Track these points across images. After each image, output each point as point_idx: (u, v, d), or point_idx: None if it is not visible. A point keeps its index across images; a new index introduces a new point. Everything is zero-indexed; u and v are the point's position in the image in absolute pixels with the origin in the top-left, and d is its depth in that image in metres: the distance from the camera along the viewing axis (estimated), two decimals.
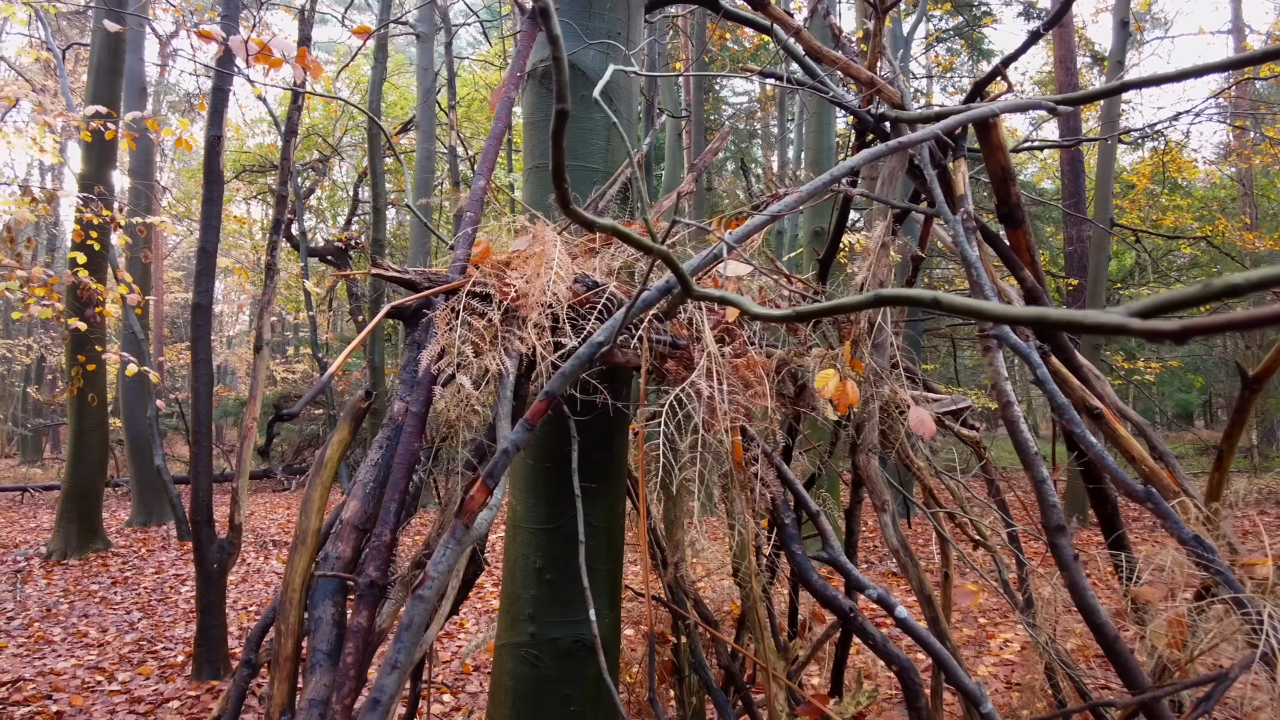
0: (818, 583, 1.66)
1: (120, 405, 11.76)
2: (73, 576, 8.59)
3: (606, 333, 1.04)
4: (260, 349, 5.09)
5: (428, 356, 1.43)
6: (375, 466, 1.48)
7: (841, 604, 1.63)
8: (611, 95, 2.36)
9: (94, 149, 8.71)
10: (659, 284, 1.07)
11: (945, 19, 19.64)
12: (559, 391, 1.03)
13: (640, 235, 1.89)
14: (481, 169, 1.74)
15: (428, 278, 1.58)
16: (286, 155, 5.23)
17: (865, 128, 2.27)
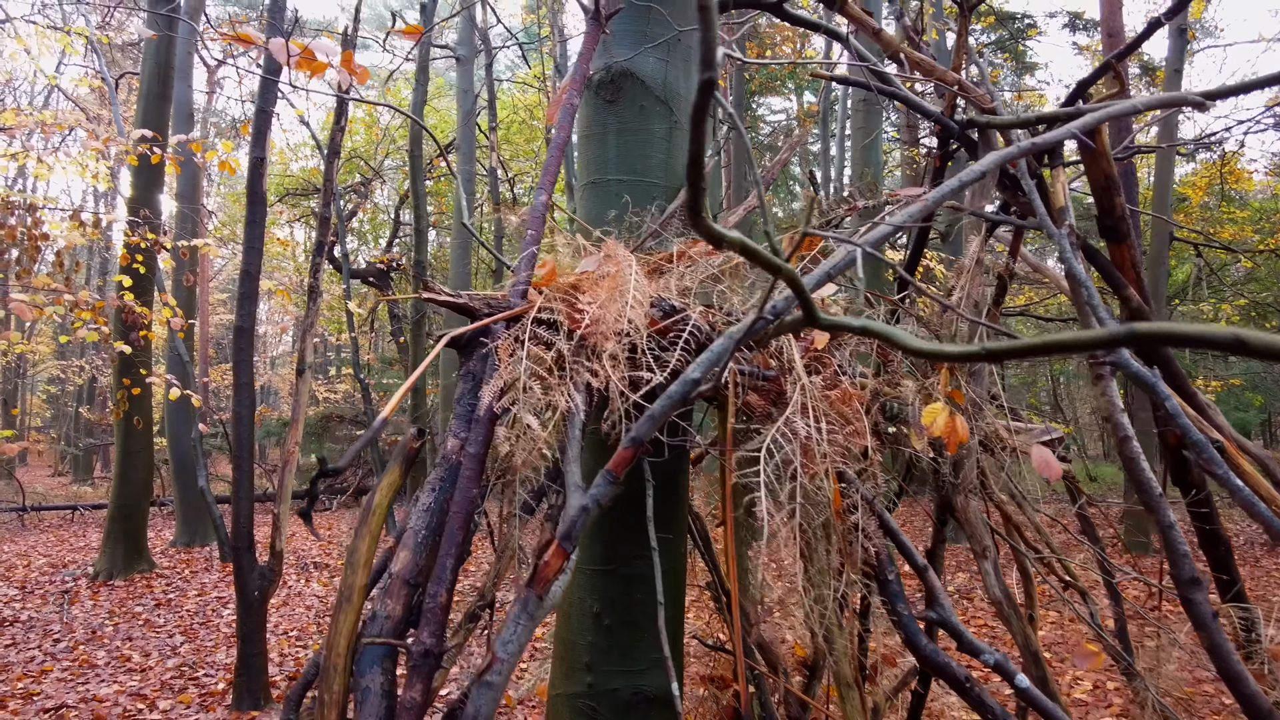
0: (927, 648, 1.48)
1: (166, 426, 11.87)
2: (118, 597, 8.62)
3: (704, 368, 0.89)
4: (303, 372, 5.02)
5: (490, 392, 1.28)
6: (427, 512, 1.33)
7: (956, 673, 1.44)
8: (671, 105, 2.21)
9: (141, 173, 8.83)
10: (771, 307, 0.91)
11: (987, 33, 19.33)
12: (647, 438, 0.88)
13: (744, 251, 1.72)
14: (543, 184, 1.60)
15: (486, 303, 1.43)
16: (329, 176, 5.18)
17: (950, 135, 2.09)
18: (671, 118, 2.19)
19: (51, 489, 22.86)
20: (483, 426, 1.30)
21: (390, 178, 22.31)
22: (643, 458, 1.54)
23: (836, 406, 1.38)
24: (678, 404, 0.88)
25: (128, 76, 15.67)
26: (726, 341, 0.90)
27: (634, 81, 2.16)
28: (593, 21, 1.82)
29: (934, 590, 1.54)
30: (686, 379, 0.88)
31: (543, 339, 1.37)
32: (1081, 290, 1.65)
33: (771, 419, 1.31)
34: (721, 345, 0.90)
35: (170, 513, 15.89)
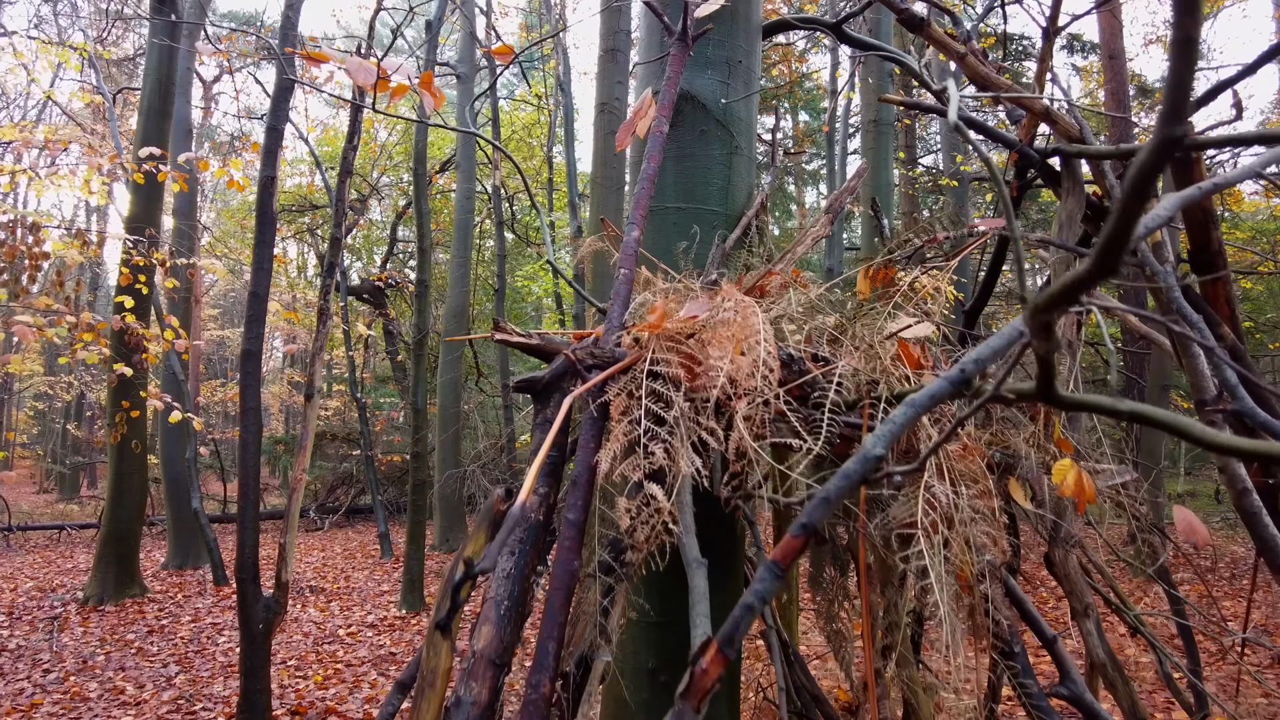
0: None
1: (159, 444, 11.66)
2: (109, 624, 8.38)
3: (886, 441, 0.77)
4: (311, 397, 4.88)
5: (606, 456, 1.15)
6: (509, 579, 1.20)
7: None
8: (731, 128, 2.10)
9: (143, 190, 8.69)
10: (948, 376, 0.79)
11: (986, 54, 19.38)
12: (820, 524, 0.76)
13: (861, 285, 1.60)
14: (634, 218, 1.48)
15: (590, 353, 1.29)
16: (340, 197, 5.06)
17: (1029, 166, 1.98)
18: (732, 142, 2.08)
19: (37, 507, 22.47)
20: (583, 490, 1.17)
21: (386, 194, 22.21)
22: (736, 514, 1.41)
23: (960, 464, 1.26)
24: (856, 485, 0.77)
25: (125, 92, 15.54)
26: (910, 411, 0.79)
27: (693, 104, 2.05)
28: (679, 42, 1.70)
29: (1065, 664, 1.41)
30: (868, 456, 0.76)
31: (658, 394, 1.25)
32: (1195, 332, 1.54)
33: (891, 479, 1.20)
34: (905, 415, 0.78)
35: (161, 533, 15.62)
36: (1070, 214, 1.85)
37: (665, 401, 1.24)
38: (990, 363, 0.82)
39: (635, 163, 2.11)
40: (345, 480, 20.04)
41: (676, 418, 1.19)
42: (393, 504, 18.04)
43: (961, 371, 0.80)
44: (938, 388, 0.80)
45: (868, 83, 8.24)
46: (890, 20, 8.90)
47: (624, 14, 7.11)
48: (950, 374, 0.80)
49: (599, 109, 7.04)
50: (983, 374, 0.94)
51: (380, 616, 8.90)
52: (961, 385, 0.80)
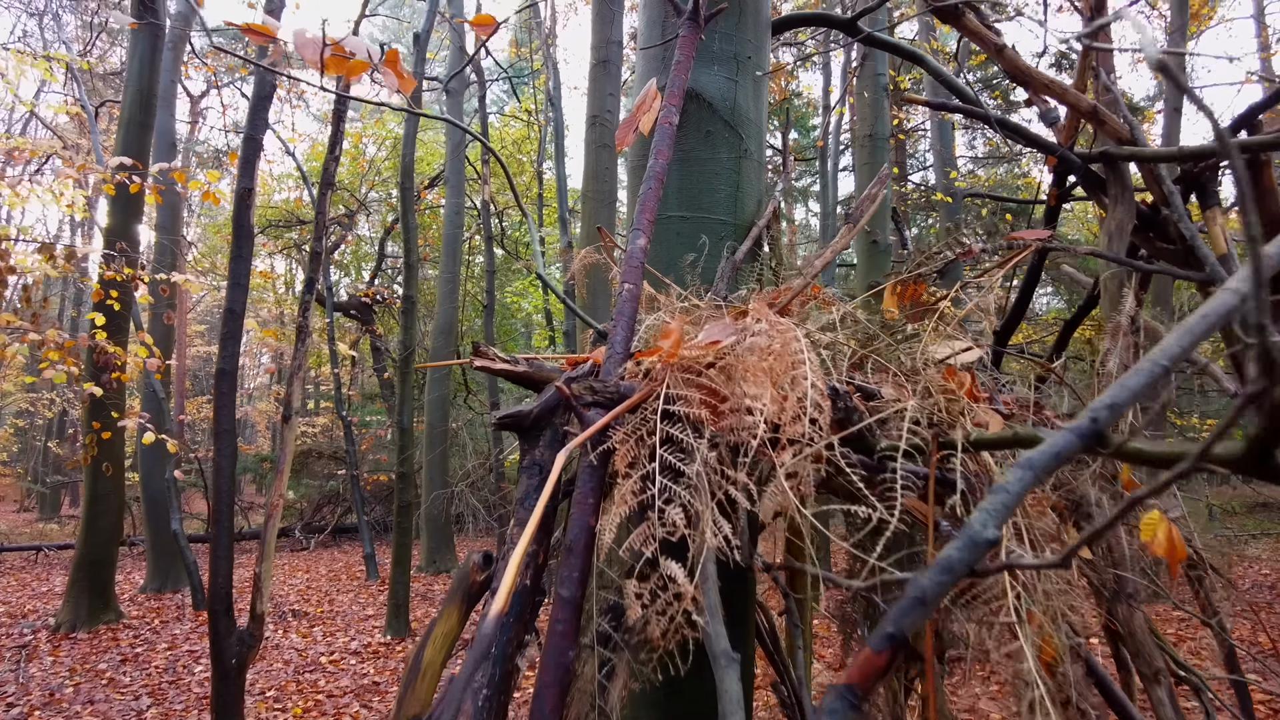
0: None
1: (139, 462, 11.35)
2: (80, 653, 8.06)
3: (999, 518, 0.57)
4: (289, 418, 4.64)
5: (610, 526, 0.94)
6: (489, 661, 0.98)
7: None
8: (740, 130, 1.90)
9: (120, 203, 8.45)
10: (1075, 427, 0.60)
11: (975, 70, 19.44)
12: (909, 632, 0.56)
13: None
14: (639, 223, 1.28)
15: (589, 388, 1.07)
16: (321, 209, 4.85)
17: (1070, 171, 1.80)
18: (740, 145, 1.89)
19: (16, 526, 22.01)
20: (579, 559, 0.96)
21: (375, 210, 22.02)
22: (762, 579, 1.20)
23: (1039, 521, 1.06)
24: (960, 577, 0.57)
25: (109, 105, 15.31)
26: (1029, 476, 0.59)
27: (698, 103, 1.86)
28: (690, 23, 1.51)
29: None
30: (976, 540, 0.56)
31: (675, 441, 1.04)
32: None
33: (941, 532, 0.99)
34: (1022, 481, 0.58)
35: (140, 553, 15.25)
36: (1120, 224, 1.66)
37: (684, 450, 1.02)
38: (1126, 409, 0.62)
39: (636, 167, 1.92)
40: (331, 499, 19.71)
41: (699, 472, 0.97)
42: (379, 523, 17.74)
43: (1093, 421, 0.60)
44: (1063, 443, 0.60)
45: (863, 96, 8.10)
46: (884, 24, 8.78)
47: (615, 25, 6.95)
48: (1079, 425, 0.61)
49: (590, 122, 6.87)
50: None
51: (364, 643, 8.61)
52: (1094, 439, 0.60)
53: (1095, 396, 1.54)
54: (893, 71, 10.59)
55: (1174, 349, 0.62)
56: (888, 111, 8.06)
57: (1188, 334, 0.61)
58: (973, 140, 20.07)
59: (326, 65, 1.28)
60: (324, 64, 1.26)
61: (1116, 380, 0.63)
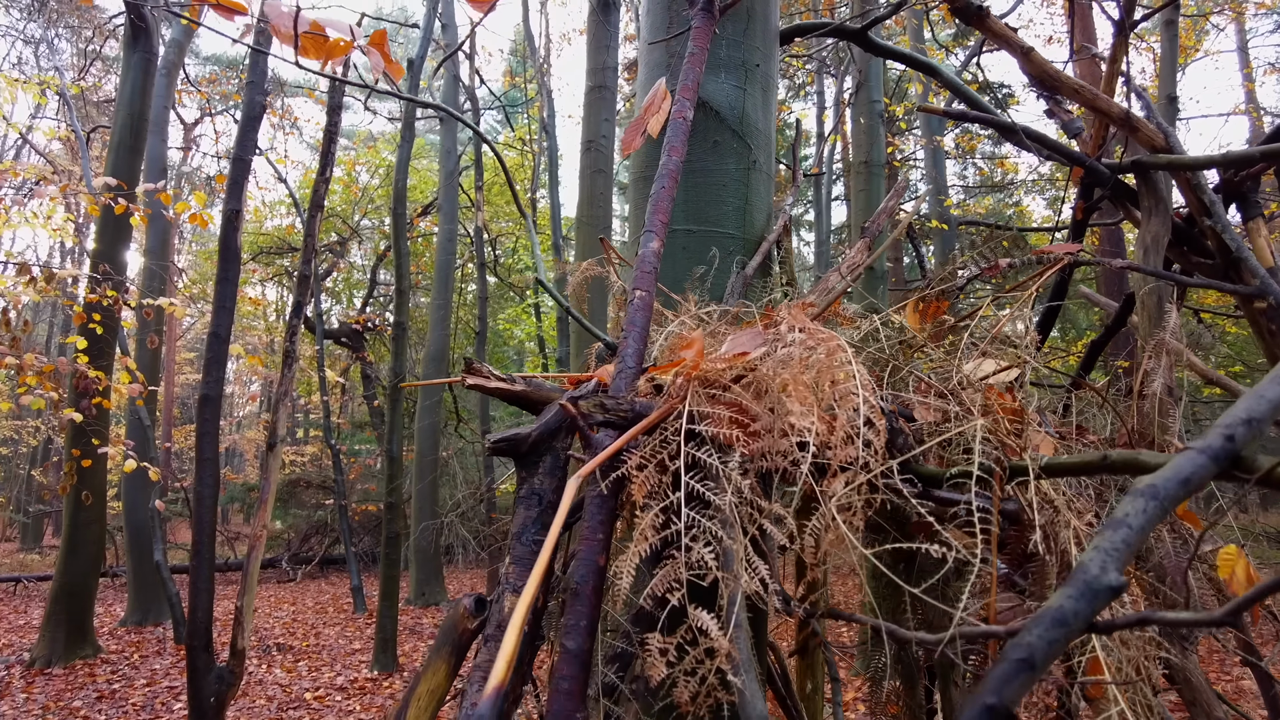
0: None
1: (122, 492, 11.11)
2: (55, 689, 7.80)
3: (1120, 562, 0.46)
4: (274, 446, 4.50)
5: (628, 568, 0.81)
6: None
7: None
8: (749, 140, 1.81)
9: (107, 227, 8.33)
10: (1206, 447, 0.49)
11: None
12: (1015, 705, 0.45)
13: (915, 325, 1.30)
14: (652, 225, 1.17)
15: (600, 406, 0.94)
16: (311, 231, 4.75)
17: (1098, 183, 1.70)
18: (749, 156, 1.79)
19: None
20: (587, 605, 0.83)
21: (367, 237, 21.97)
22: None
23: None
24: (1077, 633, 0.46)
25: (100, 131, 15.26)
26: (1155, 506, 0.48)
27: (706, 112, 1.76)
28: (704, 13, 1.41)
29: None
30: (1096, 586, 0.44)
31: (700, 466, 0.91)
32: None
33: (1019, 588, 0.87)
34: (1146, 514, 0.47)
35: (122, 584, 14.91)
36: (1156, 237, 1.56)
37: (711, 478, 0.90)
38: (1267, 424, 0.51)
39: (639, 179, 1.81)
40: (319, 529, 19.40)
41: (731, 503, 0.85)
42: (368, 554, 17.45)
43: (1228, 440, 0.49)
44: (1192, 467, 0.49)
45: (859, 123, 8.09)
46: (878, 63, 8.80)
47: (611, 51, 6.93)
48: (1210, 444, 0.49)
49: (585, 147, 6.81)
50: None
51: (350, 679, 8.37)
52: (1229, 461, 0.49)
53: (1135, 420, 1.42)
54: (887, 99, 10.62)
55: None
56: (883, 138, 8.05)
57: None
58: (964, 170, 20.20)
59: (304, 48, 1.17)
60: (299, 43, 1.15)
61: (1250, 391, 0.52)
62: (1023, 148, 1.94)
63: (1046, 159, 1.86)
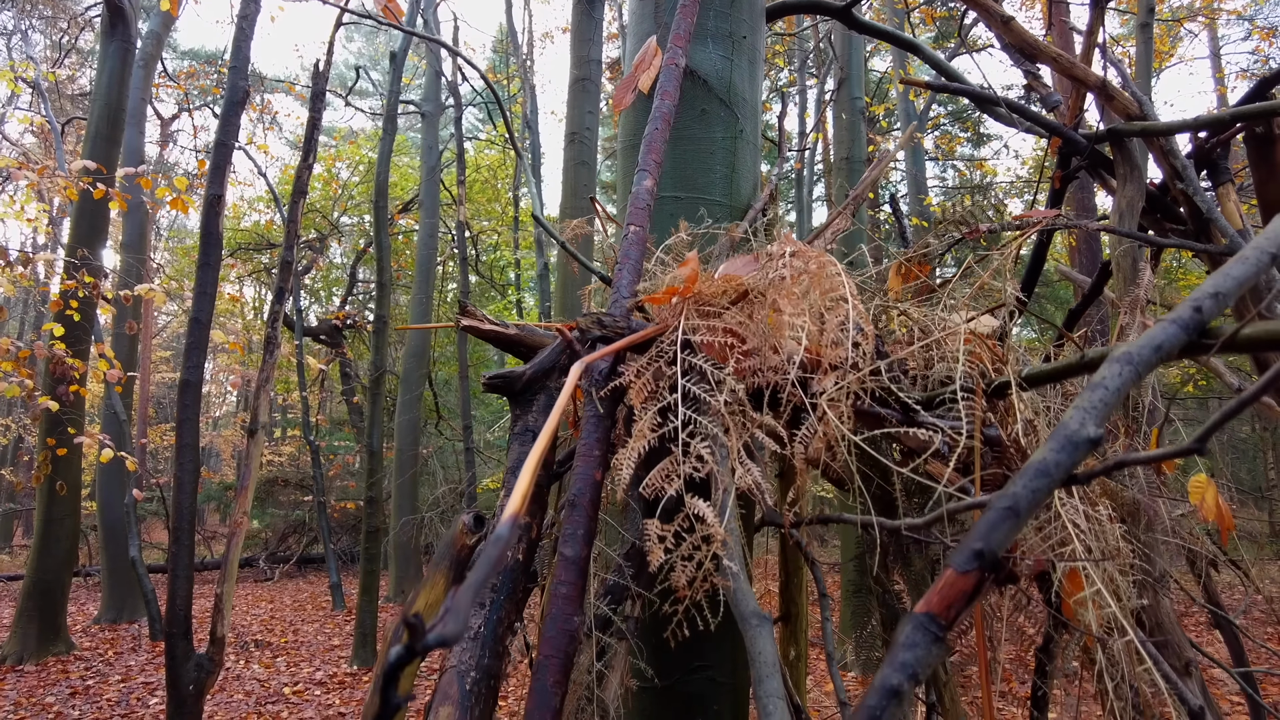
0: None
1: (97, 489, 10.96)
2: (26, 686, 7.68)
3: (1099, 417, 0.48)
4: (255, 433, 4.47)
5: (628, 460, 0.84)
6: (477, 642, 0.88)
7: None
8: (736, 110, 1.84)
9: (84, 217, 8.23)
10: (1177, 318, 0.50)
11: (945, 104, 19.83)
12: (1001, 549, 0.47)
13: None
14: (646, 164, 1.20)
15: (600, 322, 0.97)
16: (293, 217, 4.72)
17: (1075, 152, 1.75)
18: (736, 125, 1.82)
19: None
20: (584, 516, 0.86)
21: (347, 235, 21.83)
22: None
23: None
24: (1057, 483, 0.48)
25: (75, 122, 15.07)
26: (1130, 370, 0.50)
27: (694, 80, 1.79)
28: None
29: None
30: (1076, 439, 0.47)
31: (697, 372, 0.93)
32: None
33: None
34: (1121, 377, 0.50)
35: (95, 584, 14.72)
36: (1131, 202, 1.61)
37: (708, 382, 0.93)
38: (1232, 299, 0.54)
39: (628, 146, 1.83)
40: (297, 528, 19.24)
41: (728, 403, 0.87)
42: (346, 553, 17.32)
43: (1197, 311, 0.52)
44: (1164, 335, 0.52)
45: (840, 119, 8.16)
46: (860, 50, 8.88)
47: (595, 43, 6.94)
48: (1180, 315, 0.52)
49: (569, 139, 6.82)
50: None
51: (330, 673, 8.31)
52: (1197, 331, 0.52)
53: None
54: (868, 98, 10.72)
55: (1279, 235, 0.54)
56: (864, 135, 8.12)
57: None
58: (943, 170, 20.39)
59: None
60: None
61: (1219, 270, 0.55)
62: (1002, 121, 1.99)
63: (1026, 130, 1.90)
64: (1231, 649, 1.89)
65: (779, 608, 2.04)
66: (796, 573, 2.03)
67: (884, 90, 15.79)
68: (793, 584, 2.05)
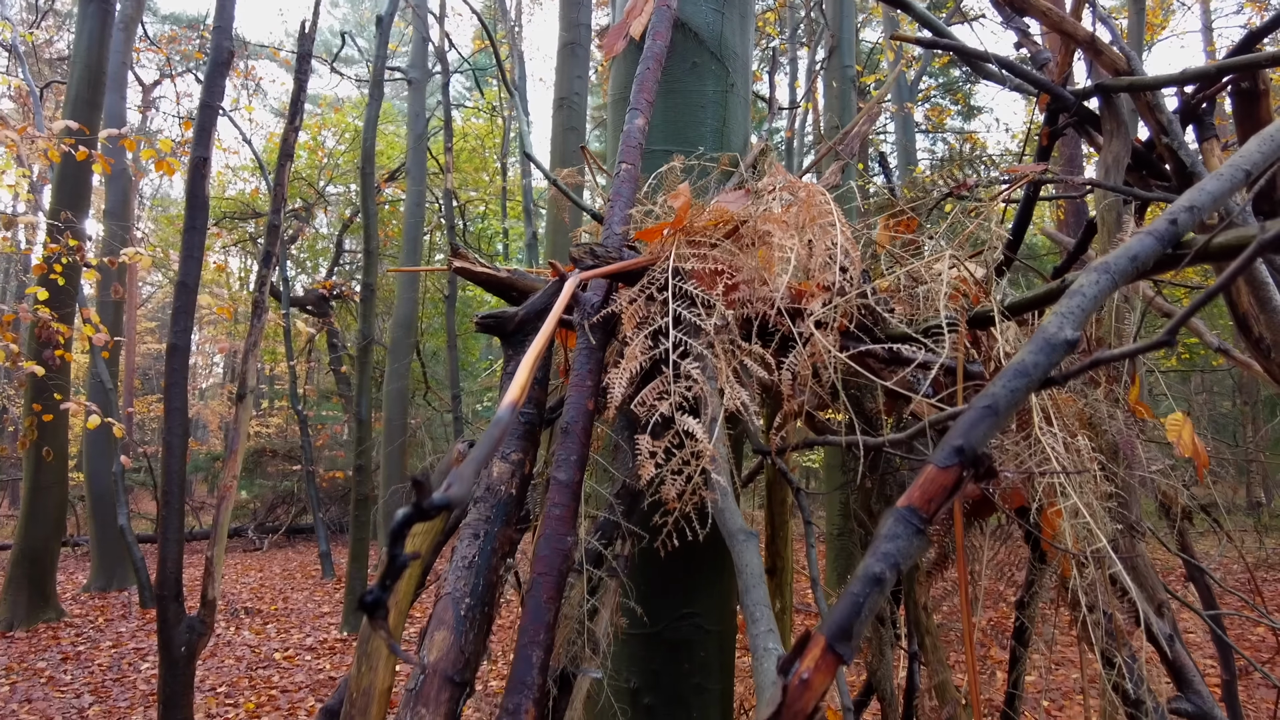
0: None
1: (84, 459, 10.93)
2: (18, 651, 7.72)
3: (1077, 321, 0.49)
4: (244, 397, 4.47)
5: (620, 381, 0.86)
6: (470, 570, 0.90)
7: None
8: (727, 63, 1.84)
9: (66, 181, 8.12)
10: (1153, 230, 0.52)
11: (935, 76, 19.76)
12: (980, 446, 0.49)
13: None
14: (638, 102, 1.21)
15: (593, 251, 0.98)
16: (280, 181, 4.69)
17: (1063, 109, 1.76)
18: (727, 79, 1.82)
19: None
20: (577, 442, 0.88)
21: (333, 204, 21.62)
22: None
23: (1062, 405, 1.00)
24: (1036, 384, 0.49)
25: (54, 86, 14.80)
26: (1106, 279, 0.51)
27: (685, 33, 1.79)
28: None
29: (1185, 671, 1.15)
30: (1053, 341, 0.48)
31: (688, 297, 0.95)
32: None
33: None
34: (1099, 284, 0.51)
35: (84, 554, 14.72)
36: (1117, 157, 1.62)
37: (699, 307, 0.94)
38: (1206, 213, 0.56)
39: (618, 100, 1.83)
40: (285, 499, 19.25)
41: (718, 327, 0.89)
42: (335, 523, 17.36)
43: (1171, 223, 0.54)
44: (1139, 245, 0.54)
45: (831, 87, 8.13)
46: (852, 18, 8.82)
47: (584, 7, 6.87)
48: (1156, 228, 0.54)
49: (557, 104, 6.76)
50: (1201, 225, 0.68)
51: (320, 639, 8.38)
52: (1171, 241, 0.53)
53: (1093, 328, 1.49)
54: (859, 67, 10.66)
55: (1254, 155, 0.56)
56: (854, 104, 8.09)
57: (1268, 140, 0.55)
58: (934, 143, 20.35)
59: None
60: None
61: (1194, 185, 0.57)
62: (990, 78, 1.99)
63: (1016, 89, 1.91)
64: (1202, 596, 1.94)
65: (765, 561, 2.08)
66: (783, 526, 2.06)
67: (875, 61, 15.71)
68: (779, 538, 2.09)
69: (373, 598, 0.38)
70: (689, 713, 1.76)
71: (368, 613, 0.38)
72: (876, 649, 1.59)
